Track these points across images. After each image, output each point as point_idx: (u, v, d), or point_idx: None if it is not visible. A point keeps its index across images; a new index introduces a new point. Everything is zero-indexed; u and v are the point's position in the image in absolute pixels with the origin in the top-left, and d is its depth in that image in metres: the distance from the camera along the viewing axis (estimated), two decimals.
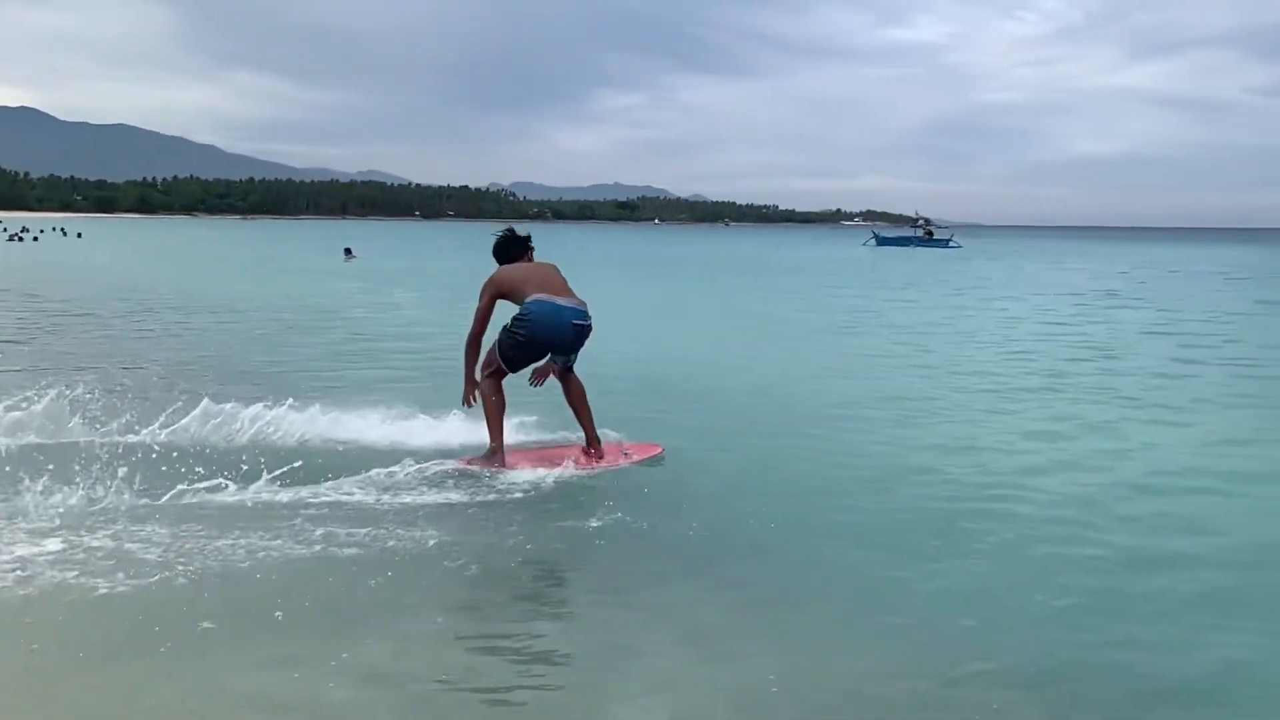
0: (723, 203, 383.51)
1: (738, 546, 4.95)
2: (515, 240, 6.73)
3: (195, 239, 72.49)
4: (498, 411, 6.32)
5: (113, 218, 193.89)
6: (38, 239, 59.52)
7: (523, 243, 6.72)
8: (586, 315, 6.39)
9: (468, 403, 6.51)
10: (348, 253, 40.48)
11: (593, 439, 6.53)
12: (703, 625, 3.98)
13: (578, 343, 6.42)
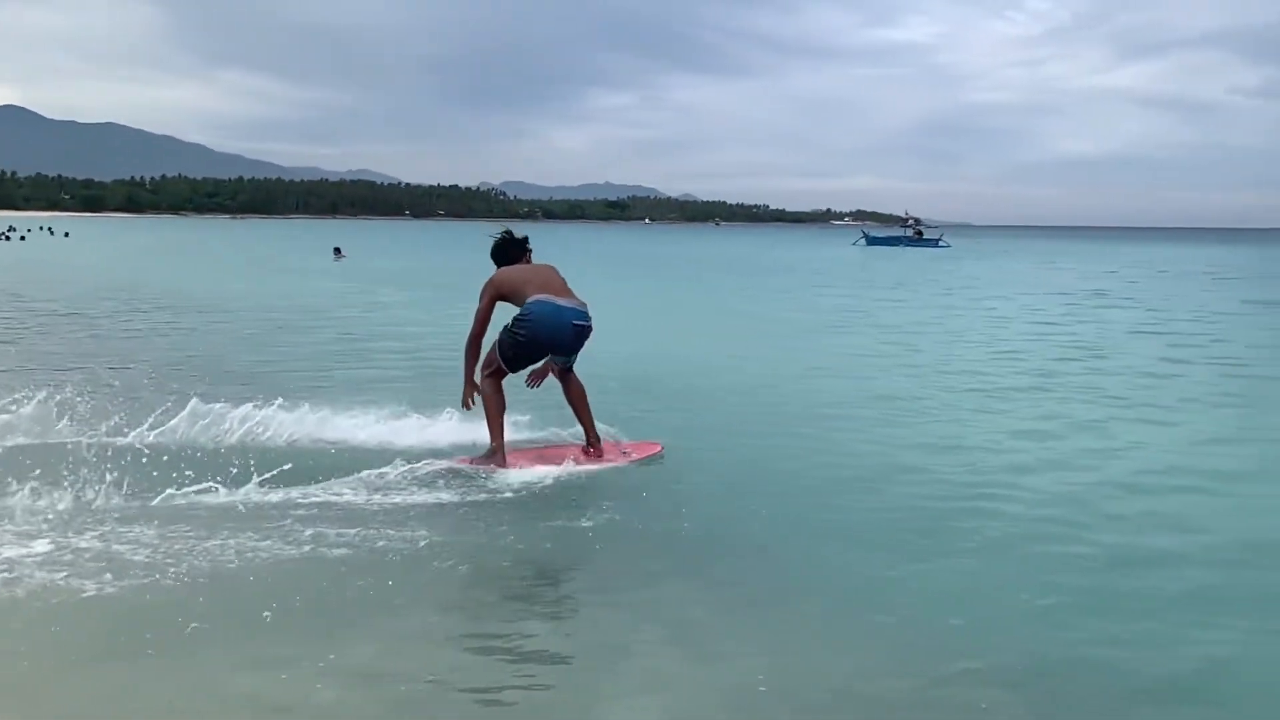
0: (713, 202, 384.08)
1: (728, 546, 4.96)
2: (513, 242, 6.76)
3: (184, 238, 72.17)
4: (498, 411, 6.33)
5: (100, 217, 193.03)
6: (24, 238, 59.16)
7: (521, 244, 6.75)
8: (587, 316, 6.41)
9: (466, 405, 6.51)
10: (337, 252, 40.39)
11: (593, 438, 6.55)
12: (693, 624, 3.99)
13: (578, 343, 6.45)
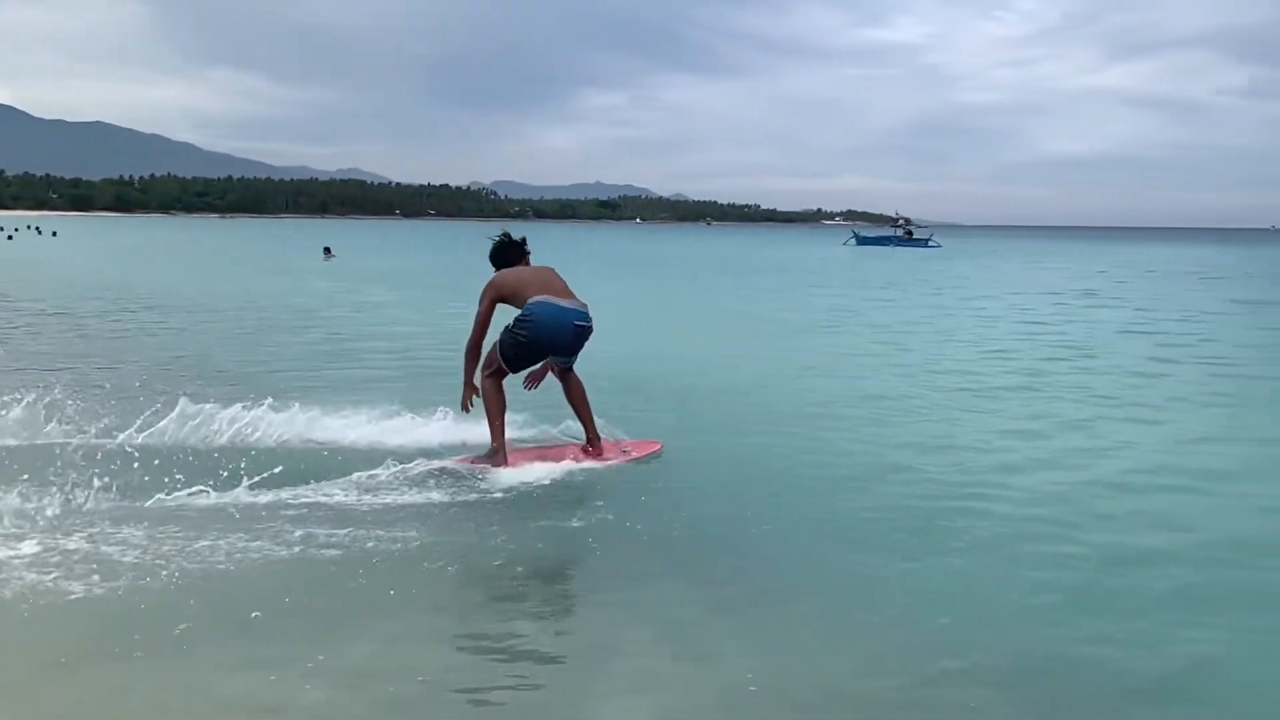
0: (704, 202, 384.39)
1: (720, 545, 4.97)
2: (512, 244, 6.78)
3: (173, 238, 71.85)
4: (499, 411, 6.35)
5: (89, 216, 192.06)
6: (12, 237, 58.85)
7: (519, 247, 6.79)
8: (588, 317, 6.44)
9: (465, 407, 6.52)
10: (327, 252, 40.25)
11: (593, 437, 6.57)
12: (684, 624, 3.99)
13: (578, 344, 6.48)
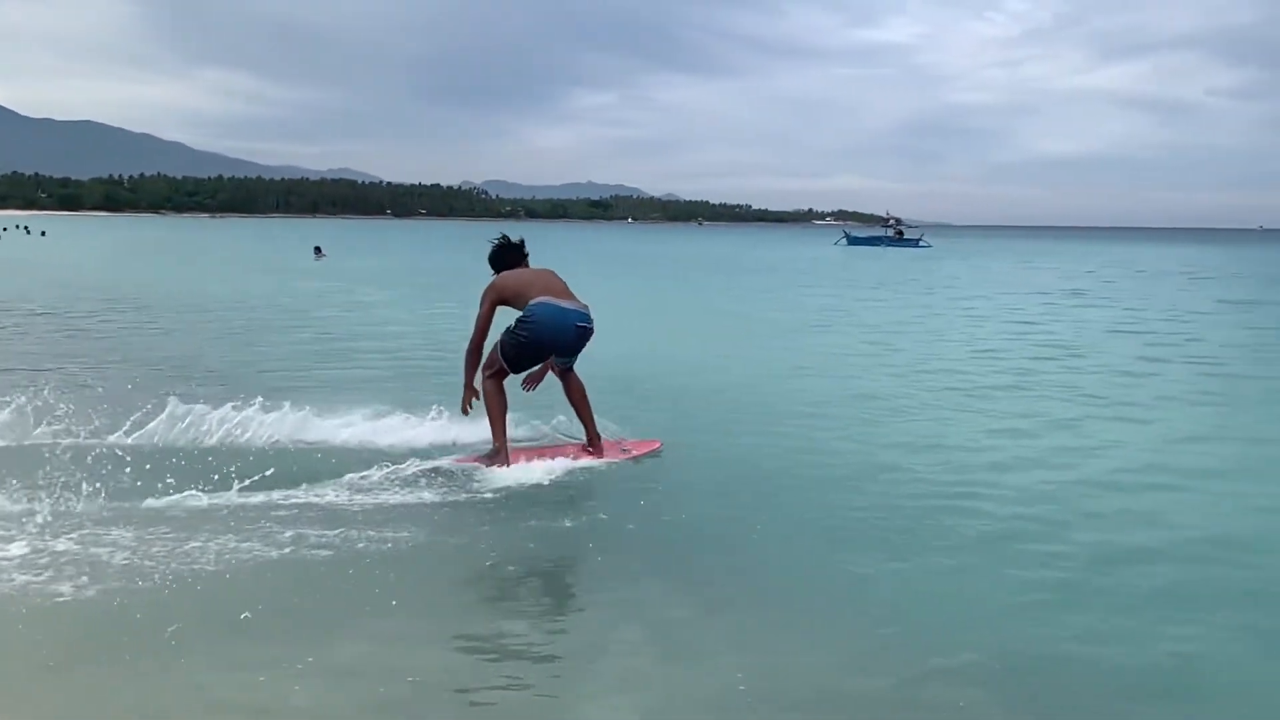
0: (696, 202, 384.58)
1: (710, 544, 4.98)
2: (511, 247, 6.81)
3: (162, 238, 71.55)
4: (500, 412, 6.37)
5: (78, 215, 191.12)
6: (0, 237, 58.53)
7: (519, 249, 6.81)
8: (589, 318, 6.48)
9: (465, 409, 6.53)
10: (317, 251, 40.15)
11: (593, 436, 6.60)
12: (673, 623, 4.00)
13: (579, 344, 6.52)
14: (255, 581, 4.24)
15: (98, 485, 5.25)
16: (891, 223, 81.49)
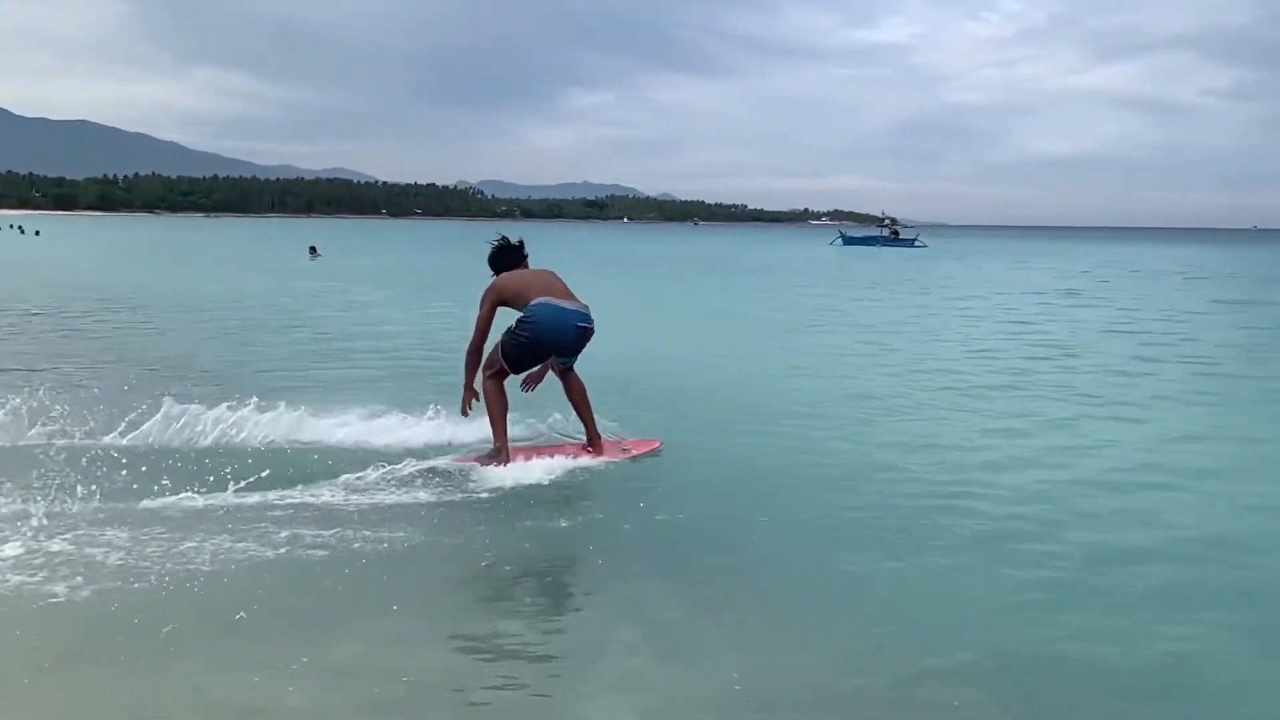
0: (691, 202, 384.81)
1: (706, 544, 4.99)
2: (510, 248, 6.83)
3: (157, 237, 71.40)
4: (501, 412, 6.38)
5: (73, 215, 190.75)
6: None
7: (518, 250, 6.83)
8: (589, 318, 6.50)
9: (465, 410, 6.53)
10: (313, 251, 40.07)
11: (593, 435, 6.62)
12: (670, 623, 4.01)
13: (580, 345, 6.54)
14: (251, 582, 4.24)
15: (93, 486, 5.24)
16: (887, 223, 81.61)
